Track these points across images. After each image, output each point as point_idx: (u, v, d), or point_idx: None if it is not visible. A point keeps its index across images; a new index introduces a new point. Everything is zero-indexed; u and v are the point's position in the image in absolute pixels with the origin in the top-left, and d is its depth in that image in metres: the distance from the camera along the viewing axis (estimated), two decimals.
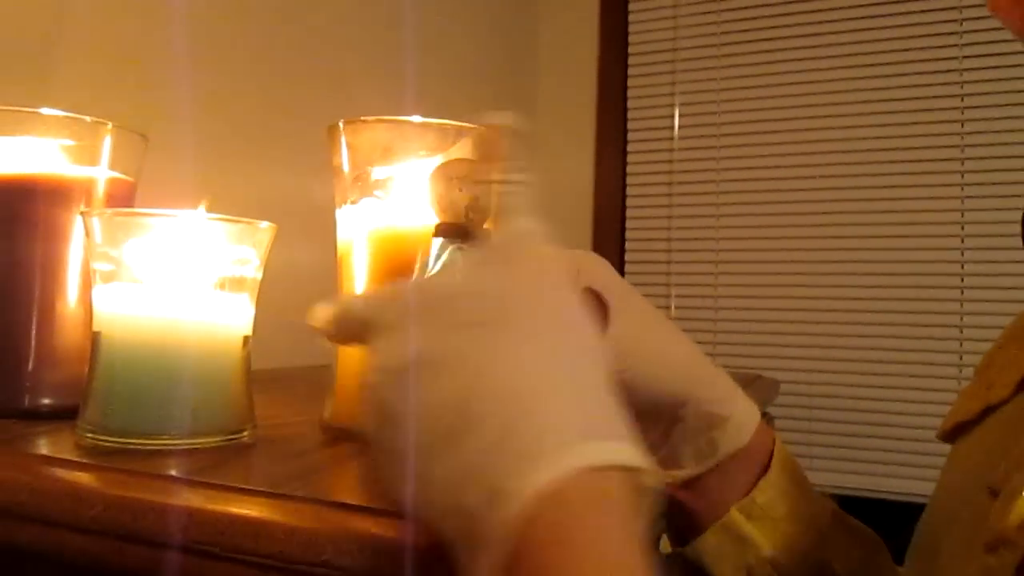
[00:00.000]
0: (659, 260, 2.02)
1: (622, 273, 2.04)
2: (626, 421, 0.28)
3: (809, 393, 1.82)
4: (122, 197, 0.59)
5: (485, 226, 0.42)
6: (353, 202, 0.52)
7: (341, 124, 0.53)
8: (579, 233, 2.08)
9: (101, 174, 0.57)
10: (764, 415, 1.22)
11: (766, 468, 0.45)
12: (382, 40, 1.42)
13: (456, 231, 0.41)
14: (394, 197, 0.51)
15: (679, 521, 0.47)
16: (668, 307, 1.99)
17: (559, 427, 0.26)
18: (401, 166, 0.51)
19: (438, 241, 0.42)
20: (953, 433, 0.44)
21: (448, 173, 0.42)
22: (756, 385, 1.23)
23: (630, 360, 0.41)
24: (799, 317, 1.86)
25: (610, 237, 2.06)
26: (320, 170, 0.56)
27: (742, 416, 0.45)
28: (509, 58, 2.05)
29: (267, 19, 1.16)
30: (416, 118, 0.51)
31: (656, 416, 0.44)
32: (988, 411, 0.42)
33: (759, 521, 0.45)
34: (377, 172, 0.52)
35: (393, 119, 0.51)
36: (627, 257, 2.06)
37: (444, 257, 0.41)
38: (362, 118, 0.52)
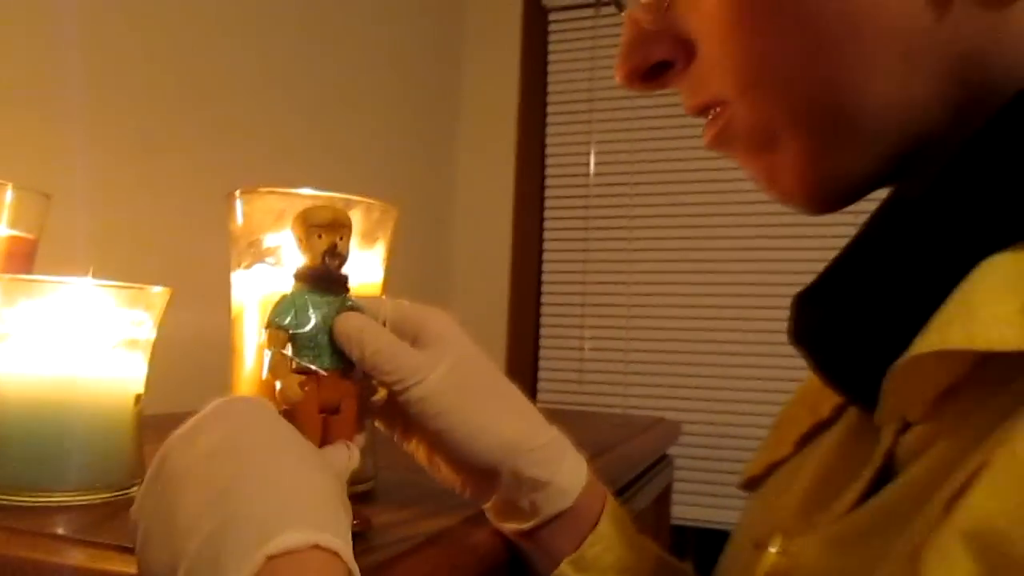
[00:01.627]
0: (574, 303, 2.08)
1: (537, 314, 2.09)
2: (334, 511, 0.34)
3: (714, 434, 1.89)
4: (22, 254, 0.61)
5: (343, 271, 0.45)
6: (247, 267, 0.55)
7: (237, 193, 0.56)
8: (497, 272, 2.12)
9: (2, 233, 0.59)
10: (664, 457, 1.28)
11: (595, 523, 0.48)
12: (293, 103, 1.45)
13: (313, 275, 0.44)
14: (286, 264, 0.54)
15: (530, 565, 0.51)
16: (581, 347, 2.05)
17: (261, 524, 0.31)
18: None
19: (295, 284, 0.44)
20: (746, 486, 0.48)
21: (309, 220, 0.44)
22: (658, 428, 1.28)
23: (442, 421, 0.44)
24: (706, 360, 1.92)
25: (527, 279, 2.11)
26: (219, 234, 0.59)
27: (565, 480, 0.47)
28: (430, 98, 2.10)
29: (175, 85, 1.18)
30: (306, 190, 0.54)
31: (480, 471, 0.47)
32: (773, 467, 0.45)
33: (588, 572, 0.48)
34: (270, 240, 0.55)
35: (285, 191, 0.55)
36: (543, 299, 2.11)
37: (297, 300, 0.43)
38: (257, 188, 0.55)
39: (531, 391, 2.07)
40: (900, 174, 0.37)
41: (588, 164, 2.09)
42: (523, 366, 2.06)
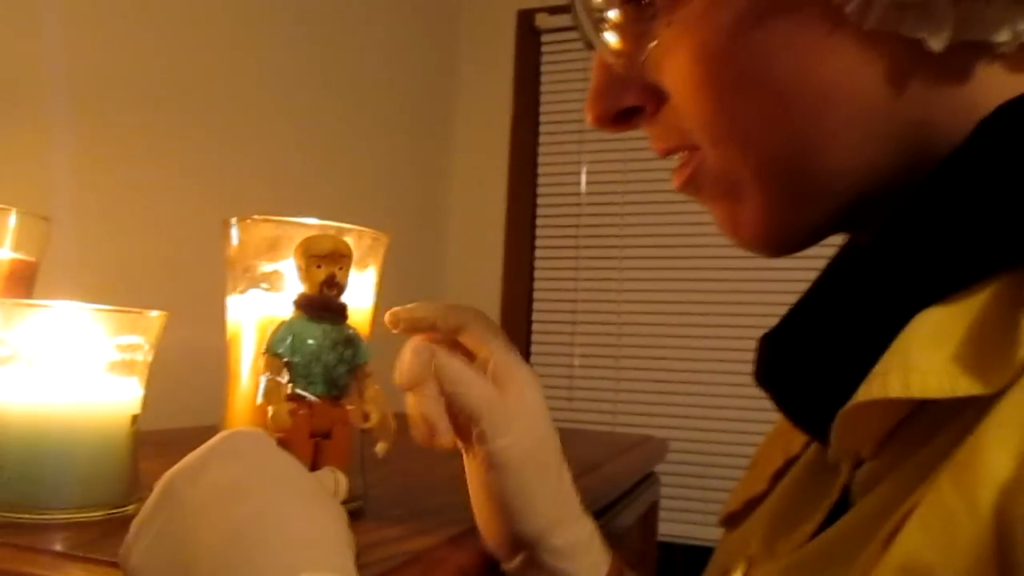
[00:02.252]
0: (565, 320, 2.10)
1: (528, 331, 2.11)
2: (341, 548, 0.36)
3: (703, 451, 1.91)
4: (24, 277, 0.63)
5: (341, 300, 0.46)
6: (241, 292, 0.57)
7: (233, 220, 0.58)
8: (488, 289, 2.14)
9: (3, 255, 0.61)
10: (651, 474, 1.29)
11: None
12: (289, 131, 1.48)
13: (311, 303, 0.46)
14: (280, 289, 0.56)
15: None
16: (571, 365, 2.07)
17: (277, 569, 0.33)
18: (286, 261, 0.56)
19: (293, 312, 0.46)
20: (725, 523, 0.50)
21: (309, 250, 0.46)
22: (645, 445, 1.30)
23: (501, 481, 0.45)
24: (696, 378, 1.94)
25: (519, 296, 2.13)
26: (216, 259, 0.61)
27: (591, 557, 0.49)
28: (424, 121, 2.13)
29: (174, 114, 1.21)
30: (300, 219, 0.56)
31: (509, 533, 0.48)
32: (750, 503, 0.47)
33: None
34: (264, 265, 0.57)
35: (279, 219, 0.57)
36: (534, 317, 2.13)
37: (295, 327, 0.45)
38: (251, 216, 0.57)
39: None
40: (852, 223, 0.39)
41: (579, 183, 2.12)
42: None
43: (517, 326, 2.12)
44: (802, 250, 0.40)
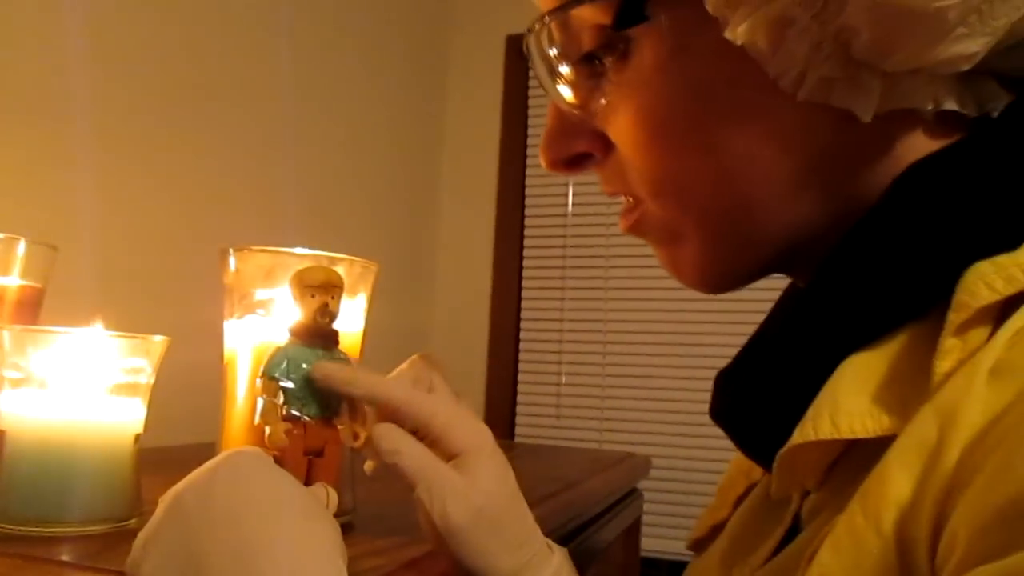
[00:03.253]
0: (552, 339, 2.14)
1: (516, 350, 2.14)
2: (338, 563, 0.38)
3: (688, 468, 1.94)
4: (31, 303, 0.66)
5: (331, 324, 0.49)
6: (238, 317, 0.61)
7: (231, 250, 0.61)
8: (477, 308, 2.18)
9: (12, 282, 0.64)
10: (634, 490, 1.32)
11: None
12: (283, 164, 1.52)
13: (305, 331, 0.48)
14: (274, 315, 0.59)
15: None
16: (558, 383, 2.10)
17: None
18: (281, 289, 0.59)
19: (289, 338, 0.49)
20: (693, 548, 0.53)
21: (303, 280, 0.48)
22: (628, 462, 1.33)
23: (458, 546, 0.45)
24: (683, 396, 1.98)
25: (506, 315, 2.17)
26: (214, 287, 0.64)
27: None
28: (414, 146, 2.16)
29: (175, 148, 1.25)
30: (295, 249, 0.60)
31: None
32: (716, 529, 0.49)
33: None
34: (260, 293, 0.60)
35: (274, 249, 0.60)
36: (522, 335, 2.17)
37: (290, 352, 0.48)
38: (248, 246, 0.61)
39: (509, 427, 2.11)
40: (788, 266, 0.43)
41: (566, 205, 2.16)
42: (501, 401, 2.11)
43: (505, 346, 2.15)
44: (738, 289, 0.44)
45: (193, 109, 1.29)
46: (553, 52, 0.43)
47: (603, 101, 0.41)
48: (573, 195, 2.16)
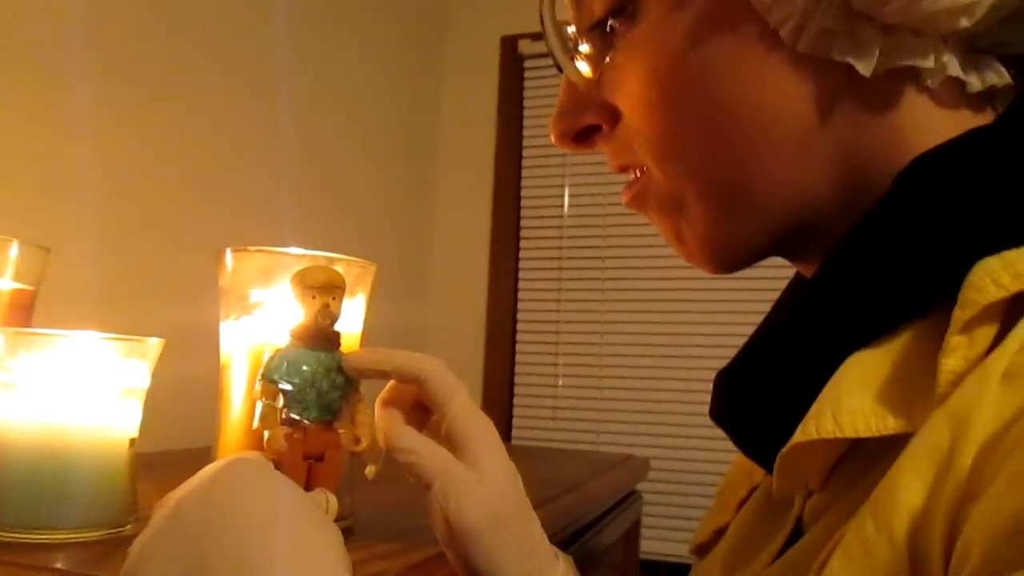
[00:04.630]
0: (548, 341, 2.13)
1: (512, 352, 2.13)
2: (341, 570, 0.37)
3: (687, 469, 1.93)
4: (23, 306, 0.65)
5: (332, 326, 0.48)
6: (235, 319, 0.60)
7: (228, 251, 0.60)
8: (473, 310, 2.17)
9: (4, 285, 0.63)
10: (633, 492, 1.31)
11: None
12: (279, 165, 1.51)
13: (306, 333, 0.47)
14: (271, 317, 0.59)
15: None
16: (555, 385, 2.10)
17: None
18: (278, 289, 0.59)
19: (289, 340, 0.47)
20: (696, 552, 0.52)
21: (304, 281, 0.47)
22: (627, 464, 1.33)
23: (466, 547, 0.44)
24: (679, 397, 1.97)
25: (503, 317, 2.16)
26: (210, 288, 0.63)
27: None
28: (409, 148, 2.16)
29: (169, 150, 1.25)
30: (292, 249, 0.59)
31: None
32: (719, 532, 0.49)
33: None
34: (257, 294, 0.59)
35: (271, 249, 0.59)
36: (518, 337, 2.16)
37: (289, 355, 0.47)
38: (245, 247, 0.60)
39: (506, 429, 2.11)
40: (793, 247, 0.42)
41: (562, 206, 2.16)
42: (498, 404, 2.10)
43: (501, 347, 2.14)
44: (742, 268, 0.43)
45: (188, 109, 1.28)
46: (570, 31, 0.43)
47: (608, 59, 0.41)
48: (569, 196, 2.15)
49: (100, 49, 1.11)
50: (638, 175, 0.44)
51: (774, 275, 0.45)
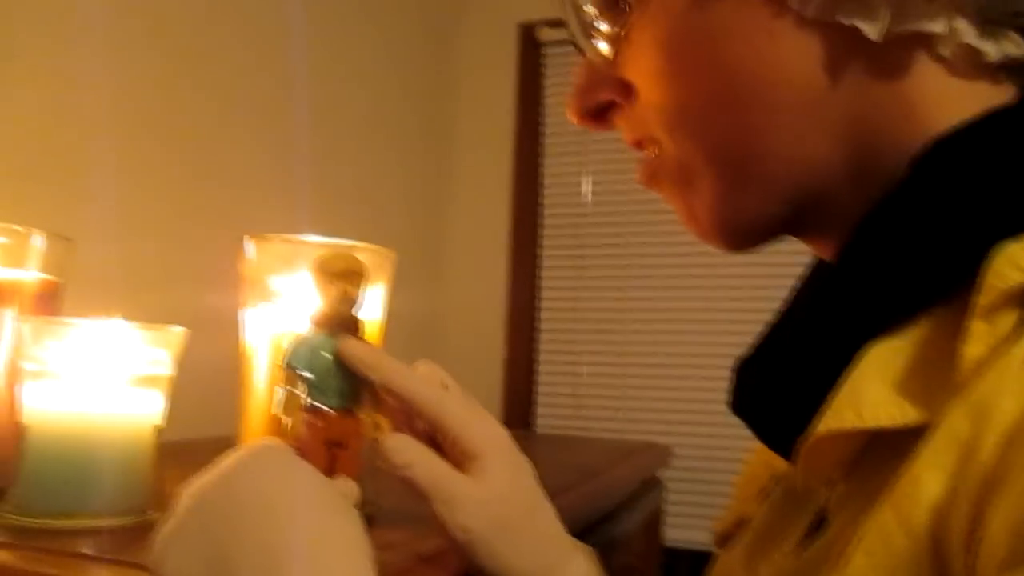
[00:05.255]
0: (570, 329, 2.12)
1: (534, 340, 2.13)
2: (364, 558, 0.38)
3: (710, 456, 1.92)
4: (50, 296, 0.65)
5: (353, 313, 0.48)
6: (256, 307, 0.60)
7: (248, 239, 0.61)
8: (494, 300, 2.17)
9: (30, 276, 0.64)
10: (655, 479, 1.31)
11: None
12: (299, 152, 1.52)
13: (326, 319, 0.47)
14: (292, 304, 0.59)
15: None
16: (578, 373, 2.09)
17: None
18: (298, 277, 0.59)
19: (309, 326, 0.47)
20: (718, 543, 0.51)
21: (324, 268, 0.47)
22: (649, 451, 1.33)
23: (474, 551, 0.44)
24: (703, 384, 1.95)
25: (524, 306, 2.16)
26: (230, 277, 0.64)
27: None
28: (428, 136, 2.16)
29: (190, 139, 1.25)
30: (312, 237, 0.59)
31: None
32: (740, 523, 0.48)
33: None
34: (277, 282, 0.60)
35: (291, 237, 0.59)
36: (540, 325, 2.15)
37: (311, 342, 0.46)
38: (266, 235, 0.60)
39: (529, 417, 2.11)
40: (805, 225, 0.42)
41: (583, 193, 2.15)
42: (520, 392, 2.10)
43: (522, 334, 2.14)
44: (755, 246, 0.43)
45: (209, 99, 1.29)
46: (588, 9, 0.43)
47: (623, 36, 0.41)
48: (591, 183, 2.14)
49: (119, 41, 1.12)
50: (655, 153, 0.44)
51: (797, 261, 0.45)
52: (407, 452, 0.45)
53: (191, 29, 1.26)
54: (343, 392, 0.46)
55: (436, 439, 0.47)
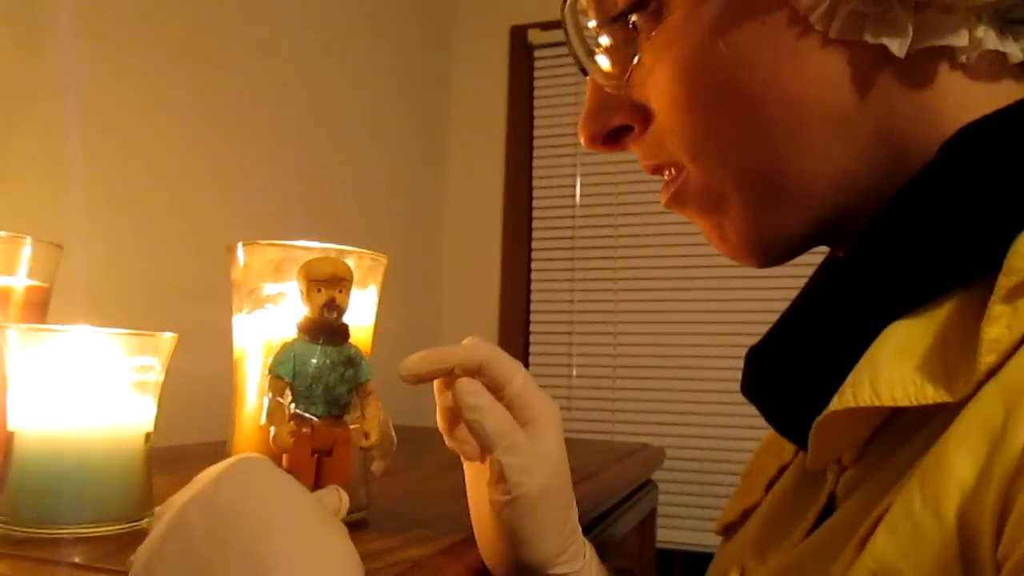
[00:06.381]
0: (562, 331, 2.13)
1: (526, 342, 2.13)
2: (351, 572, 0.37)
3: (701, 458, 1.93)
4: (38, 302, 0.65)
5: (339, 319, 0.47)
6: (247, 313, 0.60)
7: (239, 244, 0.60)
8: (485, 301, 2.17)
9: (19, 283, 0.63)
10: (648, 481, 1.31)
11: None
12: (289, 158, 1.52)
13: (312, 326, 0.47)
14: (283, 310, 0.59)
15: None
16: (569, 375, 2.10)
17: None
18: (290, 283, 0.59)
19: (296, 334, 0.47)
20: (723, 533, 0.52)
21: (309, 274, 0.46)
22: (642, 453, 1.32)
23: (514, 516, 0.44)
24: (694, 386, 1.96)
25: (515, 308, 2.16)
26: (222, 282, 0.63)
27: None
28: (420, 138, 2.16)
29: (179, 144, 1.25)
30: (303, 242, 0.59)
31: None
32: (747, 512, 0.49)
33: None
34: (268, 288, 0.59)
35: (282, 242, 0.59)
36: (532, 328, 2.16)
37: (297, 349, 0.46)
38: (256, 240, 0.60)
39: None
40: (834, 237, 0.41)
41: (574, 195, 2.15)
42: None
43: (515, 337, 2.14)
44: (786, 261, 0.42)
45: (199, 104, 1.29)
46: (591, 25, 0.43)
47: (637, 60, 0.41)
48: (581, 185, 2.14)
49: (112, 46, 1.11)
50: (673, 174, 0.44)
51: (794, 263, 0.45)
52: (479, 396, 0.45)
53: (183, 35, 1.25)
54: (329, 400, 0.46)
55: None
